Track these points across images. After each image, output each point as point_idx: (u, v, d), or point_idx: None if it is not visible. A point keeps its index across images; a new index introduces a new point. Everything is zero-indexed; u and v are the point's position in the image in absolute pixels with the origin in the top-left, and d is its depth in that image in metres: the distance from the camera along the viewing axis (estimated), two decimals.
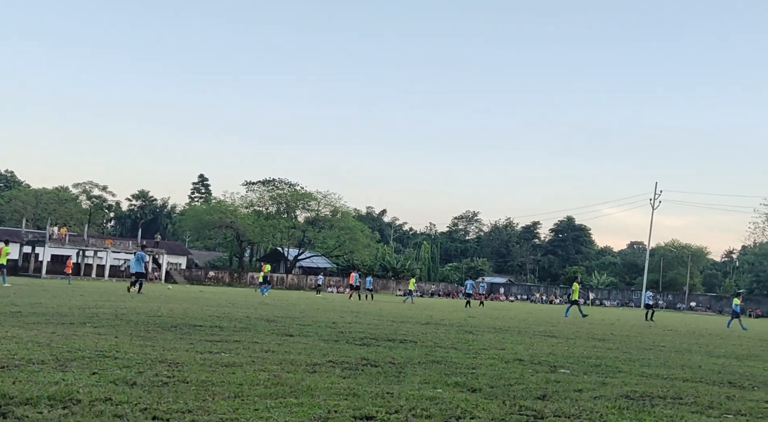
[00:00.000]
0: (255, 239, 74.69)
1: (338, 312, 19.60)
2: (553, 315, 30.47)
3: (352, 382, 6.29)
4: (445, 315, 22.24)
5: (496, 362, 8.72)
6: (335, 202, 76.29)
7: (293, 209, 78.19)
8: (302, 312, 18.79)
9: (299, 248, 75.79)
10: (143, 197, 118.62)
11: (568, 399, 6.07)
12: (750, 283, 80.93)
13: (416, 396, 5.71)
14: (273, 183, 76.67)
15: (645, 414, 5.59)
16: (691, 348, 13.86)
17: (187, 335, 9.80)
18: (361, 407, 5.14)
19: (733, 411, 5.99)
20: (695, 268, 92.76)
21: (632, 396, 6.50)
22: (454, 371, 7.56)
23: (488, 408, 5.40)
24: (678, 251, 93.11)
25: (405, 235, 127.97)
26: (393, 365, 7.75)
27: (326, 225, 76.53)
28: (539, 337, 14.25)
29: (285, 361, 7.47)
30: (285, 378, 6.22)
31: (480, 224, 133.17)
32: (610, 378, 7.76)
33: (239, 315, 15.02)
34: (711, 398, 6.68)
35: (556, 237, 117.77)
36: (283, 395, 5.45)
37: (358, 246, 74.04)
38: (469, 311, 29.99)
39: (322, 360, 7.81)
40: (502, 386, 6.66)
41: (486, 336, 13.55)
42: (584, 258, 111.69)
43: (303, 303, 27.00)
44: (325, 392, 5.68)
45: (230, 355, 7.73)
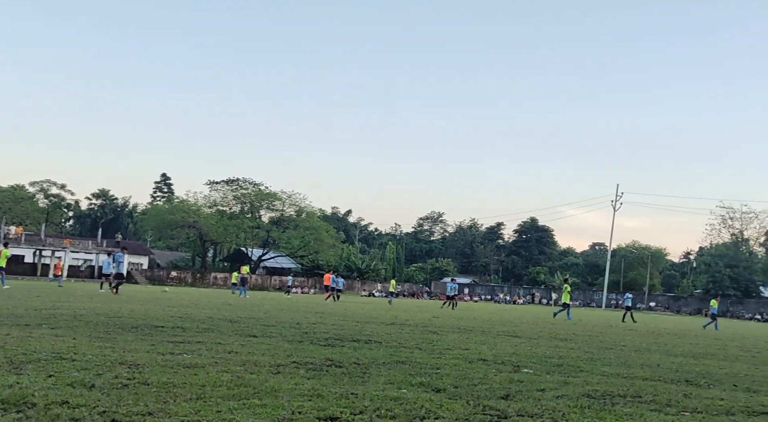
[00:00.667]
0: (218, 239, 73.95)
1: (303, 313, 19.50)
2: (516, 316, 30.79)
3: (316, 383, 6.25)
4: (410, 316, 22.29)
5: (460, 362, 8.76)
6: (300, 202, 75.99)
7: (257, 209, 77.60)
8: (266, 312, 18.65)
9: (263, 248, 75.26)
10: (104, 196, 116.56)
11: (531, 399, 6.12)
12: (706, 284, 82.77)
13: (381, 397, 5.70)
14: (237, 182, 76.00)
15: (606, 412, 5.67)
16: (650, 348, 14.12)
17: (149, 336, 9.65)
18: (325, 408, 5.12)
19: (689, 409, 6.12)
20: (655, 269, 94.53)
21: (593, 395, 6.59)
22: (419, 371, 7.57)
23: (452, 408, 5.42)
24: (638, 252, 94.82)
25: (370, 236, 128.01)
26: (357, 365, 7.73)
27: (291, 226, 76.11)
28: (503, 337, 14.36)
29: (248, 362, 7.40)
30: (248, 380, 6.16)
31: (445, 225, 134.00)
32: (572, 378, 7.86)
33: (202, 316, 14.85)
34: (669, 396, 6.81)
35: (520, 238, 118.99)
36: (246, 396, 5.40)
37: (323, 246, 73.81)
38: (446, 311, 30.49)
39: (286, 360, 7.76)
40: (466, 386, 6.69)
41: (450, 336, 13.62)
42: (547, 258, 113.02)
43: (267, 303, 26.81)
44: (289, 393, 5.64)
45: (192, 356, 7.63)
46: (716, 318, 32.78)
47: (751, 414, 6.07)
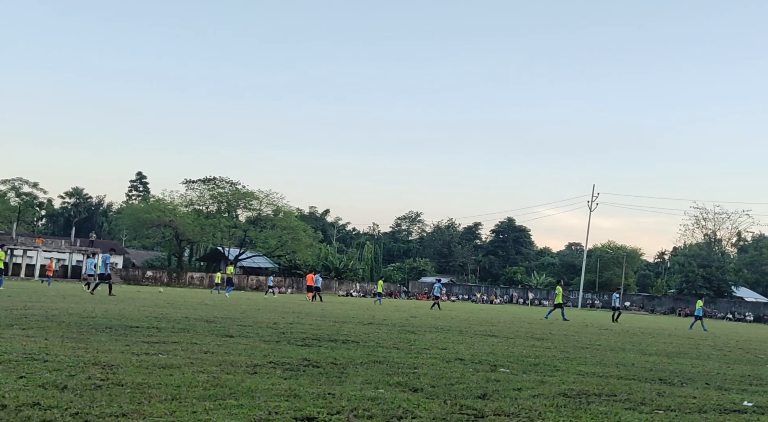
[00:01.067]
0: (195, 238, 73.40)
1: (280, 313, 19.41)
2: (493, 315, 30.94)
3: (293, 383, 6.23)
4: (388, 316, 22.30)
5: (437, 361, 8.78)
6: (277, 202, 75.66)
7: (234, 208, 77.14)
8: (243, 312, 18.53)
9: (240, 248, 74.81)
10: (77, 195, 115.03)
11: (507, 398, 6.15)
12: (680, 284, 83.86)
13: (358, 397, 5.69)
14: (214, 181, 75.47)
15: (581, 411, 5.72)
16: (625, 347, 14.26)
17: (123, 336, 9.54)
18: (302, 408, 5.10)
19: (663, 407, 6.19)
20: (630, 269, 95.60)
21: (569, 394, 6.64)
22: (396, 371, 7.57)
23: (429, 408, 5.42)
24: (614, 252, 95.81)
25: (348, 235, 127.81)
26: (335, 365, 7.71)
27: (268, 225, 75.75)
28: (480, 337, 14.42)
29: (225, 362, 7.35)
30: (224, 380, 6.12)
31: (423, 225, 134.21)
32: (548, 377, 7.91)
33: (178, 316, 14.72)
34: (643, 395, 6.88)
35: (497, 237, 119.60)
36: (222, 397, 5.36)
37: (301, 246, 73.55)
38: (434, 311, 30.70)
39: (263, 361, 7.71)
40: (444, 385, 6.71)
41: (428, 335, 13.64)
42: (524, 258, 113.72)
43: (244, 303, 26.65)
44: (266, 393, 5.61)
45: (168, 357, 7.56)
46: (701, 319, 33.20)
47: (722, 412, 6.15)
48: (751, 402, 6.83)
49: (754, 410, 6.38)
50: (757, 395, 7.49)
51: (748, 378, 9.29)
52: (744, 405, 6.58)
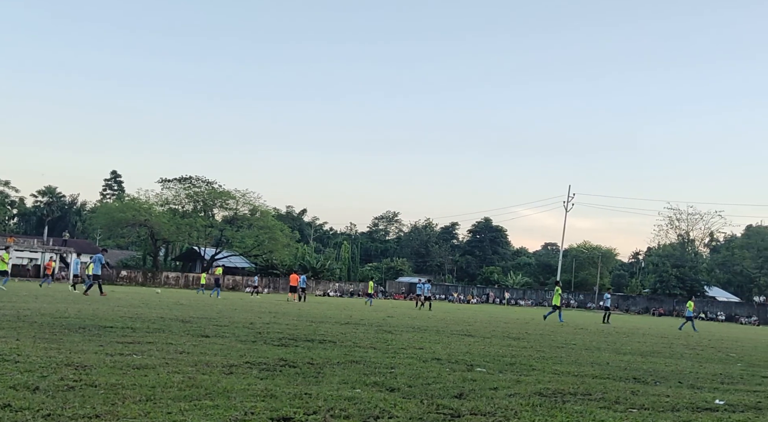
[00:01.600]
0: (170, 238, 72.68)
1: (256, 313, 19.32)
2: (470, 315, 31.06)
3: (269, 383, 6.20)
4: (365, 315, 22.29)
5: (414, 361, 8.80)
6: (254, 201, 75.18)
7: (211, 207, 76.51)
8: (219, 312, 18.41)
9: (216, 247, 74.29)
10: (50, 193, 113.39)
11: (484, 398, 6.18)
12: (654, 283, 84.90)
13: (335, 397, 5.68)
14: (190, 180, 74.80)
15: (557, 410, 5.76)
16: (600, 346, 14.40)
17: (97, 337, 9.43)
18: (278, 408, 5.07)
19: (637, 406, 6.26)
20: (605, 269, 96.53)
21: (545, 393, 6.68)
22: (373, 371, 7.57)
23: (406, 408, 5.43)
24: (589, 252, 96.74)
25: (325, 235, 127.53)
26: (311, 365, 7.69)
27: (245, 225, 75.26)
28: (456, 336, 14.47)
29: (200, 363, 7.30)
30: (200, 380, 6.07)
31: (400, 224, 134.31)
32: (524, 376, 7.96)
33: (153, 316, 14.58)
34: (617, 393, 6.95)
35: (474, 237, 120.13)
36: (197, 397, 5.32)
37: (278, 245, 73.18)
38: (423, 311, 30.81)
39: (239, 361, 7.67)
40: (420, 385, 6.72)
41: (405, 335, 13.66)
42: (501, 258, 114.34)
43: (220, 303, 26.48)
44: (242, 393, 5.58)
45: (142, 357, 7.48)
46: (692, 319, 33.32)
47: (695, 410, 6.24)
48: (723, 400, 6.93)
49: (726, 408, 6.48)
50: (728, 393, 7.61)
51: (719, 377, 9.43)
52: (716, 404, 6.68)
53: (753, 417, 6.07)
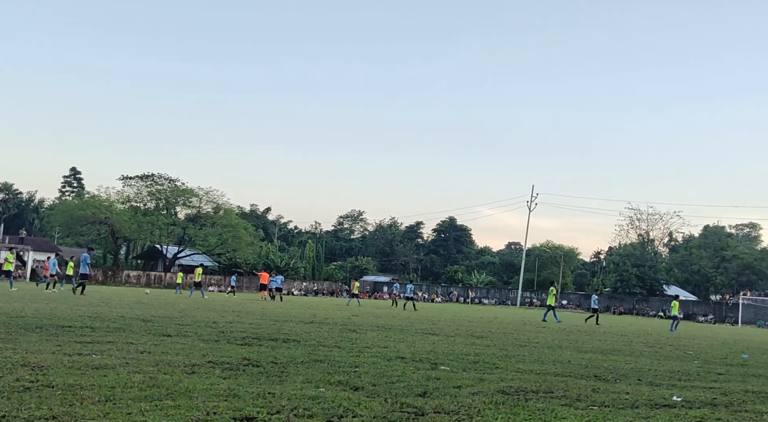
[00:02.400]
0: (132, 236, 71.50)
1: (219, 312, 19.12)
2: (434, 314, 31.21)
3: (232, 383, 6.14)
4: (329, 314, 22.24)
5: (378, 360, 8.80)
6: (218, 199, 74.42)
7: (173, 205, 75.50)
8: (181, 311, 18.18)
9: (179, 246, 73.37)
10: (6, 190, 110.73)
11: (447, 396, 6.21)
12: (615, 282, 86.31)
13: (298, 396, 5.65)
14: (152, 178, 73.70)
15: (519, 408, 5.82)
16: (562, 344, 14.60)
17: (54, 336, 9.23)
18: (241, 408, 5.03)
19: (598, 403, 6.35)
20: (567, 268, 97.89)
21: (508, 391, 6.74)
22: (337, 370, 7.56)
23: (370, 406, 5.43)
24: (552, 251, 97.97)
25: (290, 234, 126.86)
26: (275, 365, 7.64)
27: (208, 223, 74.47)
28: (421, 335, 14.53)
29: (162, 362, 7.20)
30: (161, 380, 5.99)
31: (365, 223, 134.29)
32: (487, 374, 8.02)
33: (113, 315, 14.33)
34: (579, 391, 7.05)
35: (439, 237, 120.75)
36: (159, 397, 5.24)
37: (241, 244, 72.56)
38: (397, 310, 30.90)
39: (202, 360, 7.59)
40: (384, 384, 6.72)
41: (369, 334, 13.67)
42: (465, 257, 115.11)
43: (182, 302, 26.15)
44: (204, 393, 5.52)
45: (102, 357, 7.35)
46: (677, 319, 33.54)
47: (653, 407, 6.36)
48: (680, 397, 7.08)
49: (683, 404, 6.62)
50: (685, 390, 7.77)
51: (677, 374, 9.63)
52: (673, 400, 6.82)
53: (709, 412, 6.21)
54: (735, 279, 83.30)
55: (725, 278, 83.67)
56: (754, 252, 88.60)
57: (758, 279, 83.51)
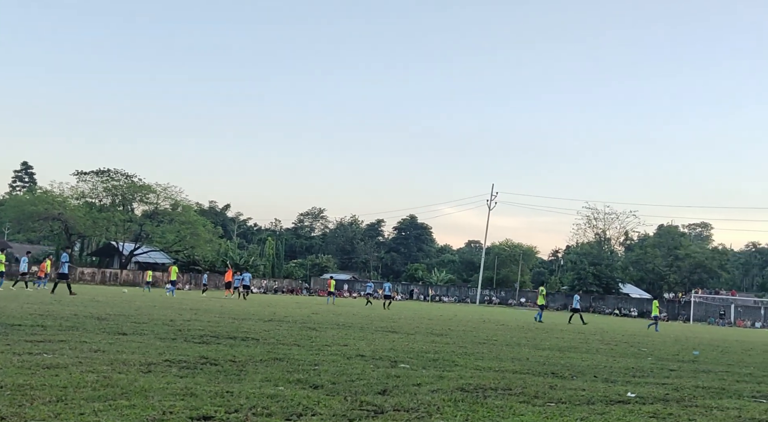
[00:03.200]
0: (86, 232, 70.03)
1: (177, 310, 18.85)
2: (394, 312, 31.28)
3: (189, 381, 6.05)
4: (289, 312, 22.11)
5: (338, 358, 8.77)
6: (176, 196, 73.36)
7: (130, 202, 74.16)
8: (137, 309, 17.86)
9: (135, 242, 72.10)
10: None
11: (407, 394, 6.21)
12: (572, 281, 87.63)
13: (257, 395, 5.60)
14: (108, 173, 72.23)
15: (478, 405, 5.85)
16: (520, 342, 14.76)
17: (3, 335, 8.97)
18: (198, 407, 4.95)
19: (555, 400, 6.43)
20: (526, 266, 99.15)
21: (467, 388, 6.78)
22: (297, 368, 7.51)
23: (330, 405, 5.40)
24: (511, 250, 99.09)
25: (249, 231, 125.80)
26: (234, 363, 7.56)
27: (166, 219, 73.37)
28: (381, 333, 14.53)
29: (116, 361, 7.05)
30: (116, 379, 5.86)
31: (326, 221, 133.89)
32: (447, 372, 8.06)
33: (66, 313, 14.01)
34: (536, 388, 7.13)
35: (400, 235, 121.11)
36: (113, 397, 5.13)
37: (200, 241, 71.68)
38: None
39: (158, 359, 7.46)
40: (344, 382, 6.70)
41: (329, 332, 13.62)
42: (425, 255, 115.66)
43: (138, 299, 25.69)
44: (160, 392, 5.42)
45: (54, 356, 7.17)
46: (657, 320, 34.02)
47: (608, 403, 6.46)
48: (634, 393, 7.22)
49: (637, 400, 6.75)
50: (639, 386, 7.93)
51: (631, 371, 9.82)
52: (628, 396, 6.95)
53: (661, 408, 6.33)
54: (687, 278, 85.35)
55: (678, 276, 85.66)
56: (706, 251, 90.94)
57: (709, 277, 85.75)
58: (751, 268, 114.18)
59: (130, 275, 66.92)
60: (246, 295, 38.76)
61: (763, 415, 6.26)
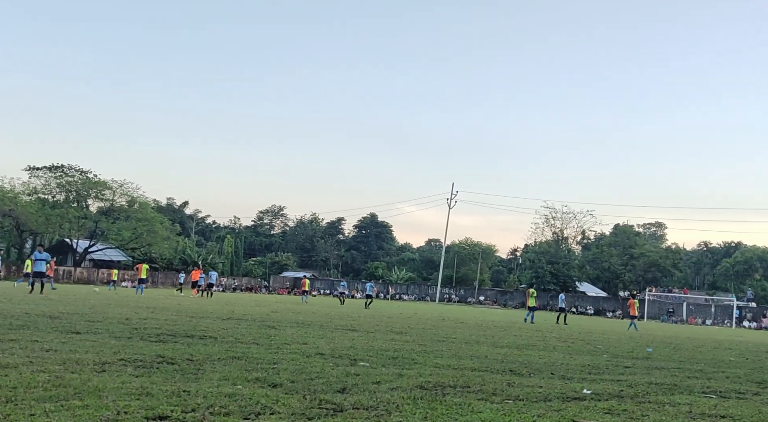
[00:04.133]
0: (39, 229, 68.32)
1: (133, 308, 18.52)
2: (354, 310, 31.26)
3: (145, 381, 5.95)
4: (248, 311, 21.91)
5: (297, 356, 8.73)
6: (133, 192, 72.11)
7: (85, 198, 72.63)
8: (92, 307, 17.49)
9: (90, 240, 70.65)
10: None
11: (366, 392, 6.21)
12: (530, 279, 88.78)
13: (215, 394, 5.53)
14: (62, 169, 70.56)
15: (437, 403, 5.88)
16: (479, 340, 14.88)
17: None
18: (154, 406, 4.87)
19: (512, 397, 6.50)
20: (485, 265, 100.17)
21: (426, 386, 6.81)
22: (255, 366, 7.44)
23: (288, 403, 5.37)
24: (470, 248, 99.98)
25: (208, 228, 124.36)
26: (191, 362, 7.45)
27: (122, 216, 72.08)
28: (341, 331, 14.51)
29: (69, 361, 6.90)
30: (69, 379, 5.73)
31: (285, 219, 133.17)
32: (406, 370, 8.08)
33: (17, 312, 13.64)
34: (495, 385, 7.20)
35: (360, 233, 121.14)
36: (65, 397, 5.02)
37: (157, 238, 70.62)
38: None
39: (113, 358, 7.32)
40: (303, 380, 6.67)
41: (288, 331, 13.54)
42: (386, 254, 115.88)
43: (93, 298, 25.16)
44: (115, 392, 5.32)
45: (3, 356, 6.97)
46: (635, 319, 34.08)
47: (565, 400, 6.56)
48: (590, 389, 7.34)
49: (592, 397, 6.86)
50: (595, 383, 8.06)
51: (588, 368, 9.98)
52: (584, 393, 7.07)
53: (616, 404, 6.45)
54: (642, 276, 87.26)
55: (633, 275, 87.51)
56: (660, 250, 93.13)
57: (663, 276, 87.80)
58: (703, 267, 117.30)
59: (85, 273, 65.55)
60: (210, 294, 38.60)
61: (712, 410, 6.43)
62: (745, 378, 10.01)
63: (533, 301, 32.53)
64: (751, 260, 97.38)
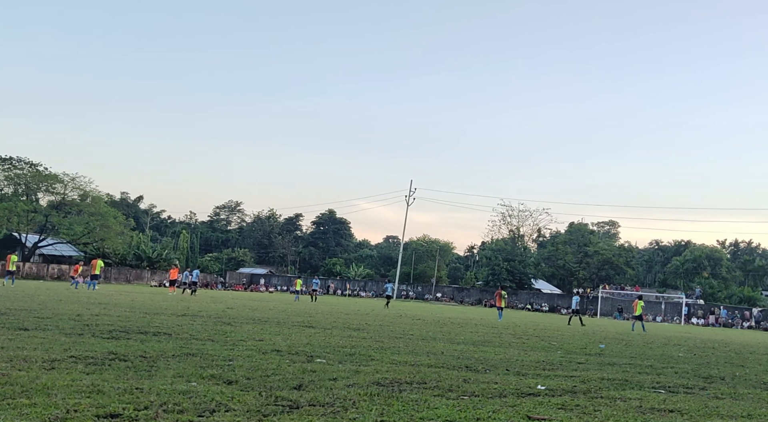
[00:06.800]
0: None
1: (84, 304, 18.12)
2: (311, 307, 31.15)
3: (96, 378, 5.82)
4: (203, 307, 21.65)
5: (253, 353, 8.65)
6: (85, 186, 70.40)
7: (35, 191, 70.70)
8: (41, 303, 17.06)
9: (40, 234, 68.87)
10: None
11: (323, 388, 6.19)
12: (486, 276, 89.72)
13: (168, 391, 5.45)
14: (10, 161, 68.57)
15: (393, 399, 5.90)
16: (436, 336, 14.98)
17: None
18: (106, 404, 4.78)
19: (468, 393, 6.56)
20: (442, 262, 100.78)
21: (383, 382, 6.82)
22: (210, 363, 7.36)
23: (244, 400, 5.32)
24: (428, 245, 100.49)
25: (163, 223, 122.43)
26: (144, 359, 7.33)
27: (74, 211, 70.40)
28: (297, 328, 14.44)
29: (17, 358, 6.71)
30: (16, 377, 5.58)
31: (243, 214, 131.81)
32: (363, 366, 8.08)
33: None
34: (451, 381, 7.25)
35: (318, 229, 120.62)
36: (12, 395, 4.88)
37: (110, 233, 69.14)
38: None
39: (63, 355, 7.15)
40: (259, 377, 6.62)
41: (244, 327, 13.42)
42: (344, 250, 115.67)
43: (42, 293, 24.54)
44: (65, 390, 5.20)
45: None
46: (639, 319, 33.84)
47: (520, 396, 6.65)
48: (544, 385, 7.45)
49: (546, 393, 6.97)
50: (549, 379, 8.19)
51: (542, 364, 10.13)
52: (538, 389, 7.17)
53: (569, 399, 6.57)
54: (596, 274, 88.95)
55: (587, 272, 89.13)
56: (613, 248, 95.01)
57: (616, 273, 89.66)
58: (654, 265, 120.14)
59: (34, 268, 63.87)
60: (194, 292, 38.61)
61: (662, 405, 6.59)
62: (692, 373, 10.30)
63: (504, 302, 34.43)
64: (700, 258, 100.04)
